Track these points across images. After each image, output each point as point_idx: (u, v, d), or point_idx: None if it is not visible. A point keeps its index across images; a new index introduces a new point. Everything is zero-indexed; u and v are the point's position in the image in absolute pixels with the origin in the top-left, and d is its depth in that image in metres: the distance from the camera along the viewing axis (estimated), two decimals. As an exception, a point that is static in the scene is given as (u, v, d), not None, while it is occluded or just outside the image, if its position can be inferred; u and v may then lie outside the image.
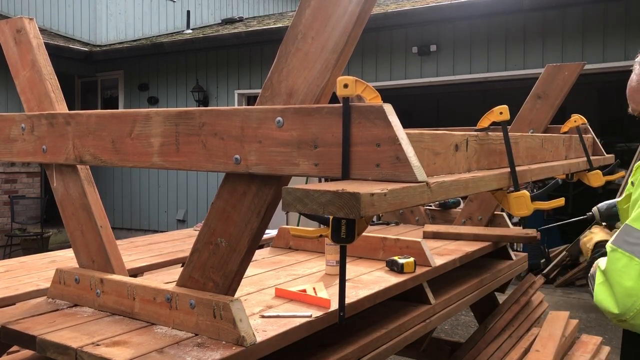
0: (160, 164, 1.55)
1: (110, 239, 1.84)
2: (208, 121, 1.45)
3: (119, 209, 11.26)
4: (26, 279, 2.48)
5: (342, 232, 1.31)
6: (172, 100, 10.82)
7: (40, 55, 1.95)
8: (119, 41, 11.86)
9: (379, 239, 2.50)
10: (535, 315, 3.20)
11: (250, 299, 1.85)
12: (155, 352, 1.42)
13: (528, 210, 1.91)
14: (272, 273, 2.23)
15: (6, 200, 10.00)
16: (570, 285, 7.43)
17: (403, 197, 1.17)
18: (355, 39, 1.35)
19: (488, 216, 3.24)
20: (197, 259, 1.58)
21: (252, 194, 1.45)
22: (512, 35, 7.87)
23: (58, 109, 1.90)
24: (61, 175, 1.87)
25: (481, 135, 1.82)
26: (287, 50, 1.39)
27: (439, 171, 1.51)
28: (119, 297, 1.69)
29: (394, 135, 1.20)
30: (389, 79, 8.74)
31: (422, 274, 2.27)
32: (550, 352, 2.62)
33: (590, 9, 7.31)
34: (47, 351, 1.51)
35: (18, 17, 1.98)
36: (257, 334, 1.50)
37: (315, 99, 1.35)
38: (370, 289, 2.00)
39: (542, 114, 3.05)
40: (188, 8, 13.01)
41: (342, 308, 1.52)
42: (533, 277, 3.51)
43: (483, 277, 2.75)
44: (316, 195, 1.13)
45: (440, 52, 8.35)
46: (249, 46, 10.00)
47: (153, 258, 3.03)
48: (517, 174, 1.94)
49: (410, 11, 8.33)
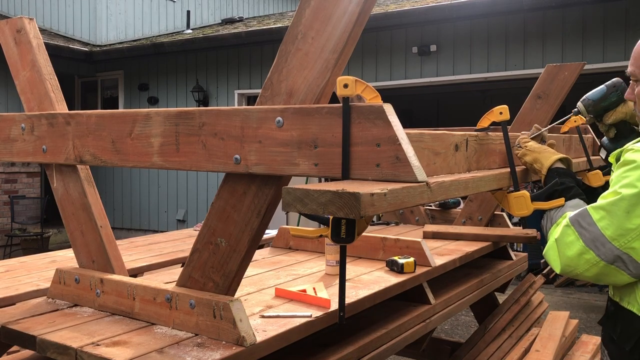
0: (160, 164, 1.55)
1: (110, 239, 1.84)
2: (208, 121, 1.45)
3: (119, 209, 11.26)
4: (26, 279, 2.48)
5: (342, 232, 1.31)
6: (172, 100, 10.82)
7: (40, 55, 1.95)
8: (119, 41, 11.86)
9: (379, 239, 2.50)
10: (535, 315, 3.20)
11: (250, 299, 1.85)
12: (155, 352, 1.42)
13: (528, 210, 1.91)
14: (272, 273, 2.23)
15: (6, 200, 10.00)
16: (570, 285, 7.43)
17: (403, 197, 1.17)
18: (355, 39, 1.35)
19: (488, 216, 3.24)
20: (197, 259, 1.58)
21: (252, 194, 1.45)
22: (512, 35, 7.87)
23: (58, 109, 1.90)
24: (61, 175, 1.87)
25: (481, 135, 1.82)
26: (287, 50, 1.39)
27: (439, 171, 1.51)
28: (119, 297, 1.69)
29: (394, 135, 1.20)
30: (389, 79, 8.74)
31: (422, 274, 2.27)
32: (550, 352, 2.62)
33: (590, 9, 7.31)
34: (47, 351, 1.51)
35: (18, 17, 1.98)
36: (257, 334, 1.50)
37: (315, 99, 1.35)
38: (370, 289, 2.00)
39: (542, 114, 3.04)
40: (188, 8, 13.01)
41: (342, 308, 1.52)
42: (533, 277, 3.51)
43: (483, 277, 2.75)
44: (316, 195, 1.13)
45: (440, 52, 8.35)
46: (249, 46, 10.00)
47: (153, 258, 3.02)
48: (517, 174, 1.94)
49: (410, 11, 8.33)
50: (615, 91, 2.11)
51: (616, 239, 1.45)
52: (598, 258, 1.48)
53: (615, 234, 1.45)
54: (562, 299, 6.84)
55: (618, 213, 1.46)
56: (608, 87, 2.12)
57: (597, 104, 2.11)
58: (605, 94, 2.11)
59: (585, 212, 1.54)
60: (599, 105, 2.12)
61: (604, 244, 1.47)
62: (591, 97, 2.13)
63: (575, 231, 1.53)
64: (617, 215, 1.46)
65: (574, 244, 1.52)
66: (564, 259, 1.55)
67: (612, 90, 2.11)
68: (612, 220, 1.46)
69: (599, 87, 2.14)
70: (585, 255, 1.50)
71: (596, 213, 1.51)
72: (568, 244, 1.54)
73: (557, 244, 1.58)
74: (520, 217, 2.02)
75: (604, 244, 1.47)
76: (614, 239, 1.45)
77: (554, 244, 1.59)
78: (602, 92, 2.11)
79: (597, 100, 2.12)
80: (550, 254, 1.60)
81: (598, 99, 2.12)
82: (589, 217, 1.51)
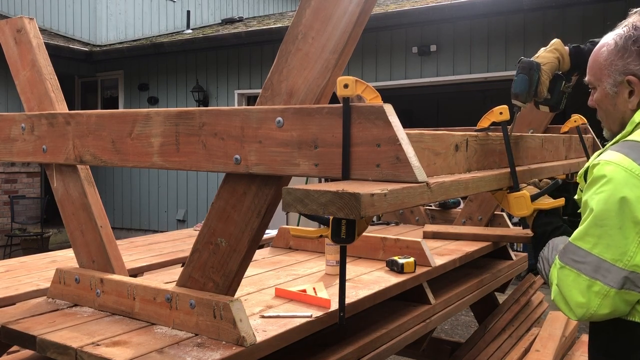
0: (160, 164, 1.55)
1: (110, 239, 1.84)
2: (208, 121, 1.45)
3: (119, 209, 11.26)
4: (26, 279, 2.48)
5: (342, 233, 1.31)
6: (172, 100, 10.82)
7: (40, 55, 1.95)
8: (119, 41, 11.86)
9: (379, 239, 2.50)
10: (535, 315, 3.20)
11: (250, 299, 1.85)
12: (155, 352, 1.42)
13: (528, 210, 1.91)
14: (272, 273, 2.23)
15: (6, 200, 10.00)
16: (570, 285, 7.42)
17: (403, 198, 1.17)
18: (355, 39, 1.35)
19: (488, 216, 3.24)
20: (197, 259, 1.58)
21: (252, 194, 1.45)
22: (512, 35, 7.87)
23: (58, 108, 1.90)
24: (61, 175, 1.87)
25: (481, 135, 1.82)
26: (287, 50, 1.39)
27: (439, 171, 1.51)
28: (119, 297, 1.69)
29: (394, 135, 1.20)
30: (389, 79, 8.74)
31: (422, 274, 2.27)
32: (550, 352, 2.62)
33: (590, 9, 7.31)
34: (47, 351, 1.51)
35: (18, 17, 1.98)
36: (257, 334, 1.50)
37: (316, 99, 1.35)
38: (370, 289, 2.00)
39: (542, 114, 3.03)
40: (188, 8, 13.01)
41: (342, 308, 1.52)
42: (533, 277, 3.51)
43: (483, 277, 2.75)
44: (316, 195, 1.13)
45: (440, 52, 8.36)
46: (249, 46, 10.00)
47: (153, 258, 3.02)
48: (517, 174, 1.94)
49: (410, 11, 8.34)
50: (535, 71, 2.07)
51: (619, 259, 1.39)
52: (607, 287, 1.40)
53: (616, 254, 1.39)
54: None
55: (611, 232, 1.40)
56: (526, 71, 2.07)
57: (530, 90, 2.07)
58: (530, 79, 2.07)
59: (573, 247, 1.47)
60: (532, 90, 2.08)
61: (609, 269, 1.40)
62: (519, 89, 2.07)
63: (572, 269, 1.46)
64: (610, 235, 1.40)
65: (576, 281, 1.45)
66: (573, 302, 1.46)
67: (532, 72, 2.07)
68: (608, 242, 1.40)
69: (518, 77, 2.08)
70: (593, 288, 1.42)
71: (585, 242, 1.44)
72: (570, 284, 1.47)
73: (560, 290, 1.50)
74: (520, 217, 2.01)
75: (608, 270, 1.40)
76: (617, 260, 1.39)
77: (558, 292, 1.51)
78: (525, 80, 2.06)
79: (527, 86, 2.07)
80: (559, 303, 1.52)
81: (528, 86, 2.07)
82: (580, 250, 1.45)
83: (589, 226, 1.44)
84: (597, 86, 1.65)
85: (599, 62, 1.62)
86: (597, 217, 1.42)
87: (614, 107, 1.61)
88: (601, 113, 1.68)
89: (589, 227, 1.44)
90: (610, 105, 1.62)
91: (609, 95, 1.61)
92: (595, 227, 1.43)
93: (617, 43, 1.58)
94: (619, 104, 1.59)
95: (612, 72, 1.58)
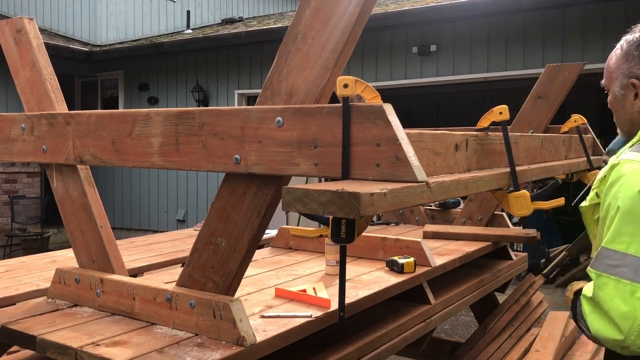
0: (160, 164, 1.55)
1: (110, 239, 1.84)
2: (208, 121, 1.45)
3: (119, 209, 11.26)
4: (26, 279, 2.48)
5: (342, 232, 1.31)
6: (172, 100, 10.82)
7: (40, 55, 1.95)
8: (119, 41, 11.85)
9: (379, 239, 2.50)
10: (535, 315, 3.20)
11: (250, 299, 1.85)
12: (155, 352, 1.42)
13: (528, 210, 1.91)
14: (272, 273, 2.23)
15: (6, 200, 10.00)
16: (570, 285, 7.42)
17: (403, 197, 1.17)
18: (355, 39, 1.35)
19: (488, 216, 3.24)
20: (197, 259, 1.58)
21: (252, 194, 1.45)
22: (512, 35, 7.87)
23: (58, 109, 1.90)
24: (61, 175, 1.87)
25: (481, 135, 1.82)
26: (287, 50, 1.39)
27: (439, 171, 1.51)
28: (119, 297, 1.69)
29: (394, 135, 1.20)
30: (389, 79, 8.74)
31: (422, 274, 2.27)
32: (550, 352, 2.62)
33: (590, 9, 7.31)
34: (47, 351, 1.51)
35: (18, 17, 1.98)
36: (257, 334, 1.50)
37: (315, 99, 1.35)
38: (370, 289, 2.00)
39: (542, 114, 3.05)
40: (188, 8, 13.01)
41: (342, 308, 1.52)
42: (533, 277, 3.51)
43: (483, 277, 2.75)
44: (316, 195, 1.13)
45: (440, 52, 8.35)
46: (249, 46, 10.00)
47: (153, 258, 3.02)
48: (517, 174, 1.94)
49: (410, 11, 8.33)
50: None
51: None
52: None
53: None
54: (562, 299, 6.82)
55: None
56: None
57: None
58: None
59: (607, 251, 1.38)
60: None
61: None
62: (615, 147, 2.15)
63: (610, 275, 1.35)
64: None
65: (617, 289, 1.33)
66: (617, 314, 1.32)
67: None
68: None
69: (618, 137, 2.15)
70: (637, 293, 1.31)
71: (618, 244, 1.36)
72: (612, 293, 1.34)
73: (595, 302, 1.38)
74: (520, 217, 2.01)
75: None
76: None
77: (593, 311, 1.38)
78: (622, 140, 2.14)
79: None
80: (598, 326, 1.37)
81: None
82: (614, 253, 1.36)
83: (619, 225, 1.37)
84: (610, 89, 1.69)
85: (610, 66, 1.67)
86: (627, 214, 1.36)
87: (622, 109, 1.65)
88: (614, 114, 1.72)
89: (620, 225, 1.37)
90: (620, 107, 1.66)
91: (617, 97, 1.65)
92: (626, 224, 1.36)
93: (623, 48, 1.62)
94: (627, 106, 1.63)
95: (619, 76, 1.63)
